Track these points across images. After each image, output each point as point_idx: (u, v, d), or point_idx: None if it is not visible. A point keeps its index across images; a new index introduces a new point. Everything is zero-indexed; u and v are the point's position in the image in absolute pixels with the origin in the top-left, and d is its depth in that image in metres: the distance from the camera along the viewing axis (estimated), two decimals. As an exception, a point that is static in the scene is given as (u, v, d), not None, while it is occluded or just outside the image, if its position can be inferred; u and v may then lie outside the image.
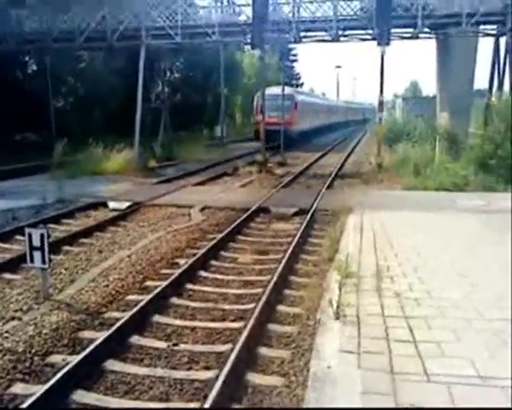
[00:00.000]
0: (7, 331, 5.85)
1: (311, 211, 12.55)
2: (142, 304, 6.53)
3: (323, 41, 21.28)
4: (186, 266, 8.19)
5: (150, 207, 13.40)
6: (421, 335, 4.95)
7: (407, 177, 16.93)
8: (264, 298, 6.77)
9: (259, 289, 7.49)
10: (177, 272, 7.88)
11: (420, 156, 18.49)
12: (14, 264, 8.22)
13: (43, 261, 6.61)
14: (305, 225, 11.15)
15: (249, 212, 12.43)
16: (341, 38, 20.89)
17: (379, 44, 18.96)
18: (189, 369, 5.39)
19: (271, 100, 29.33)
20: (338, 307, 5.50)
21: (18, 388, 4.84)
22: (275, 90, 32.10)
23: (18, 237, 9.70)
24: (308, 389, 3.99)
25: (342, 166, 24.09)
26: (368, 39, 20.58)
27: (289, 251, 9.03)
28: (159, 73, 26.65)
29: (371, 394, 3.82)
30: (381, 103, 20.88)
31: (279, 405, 4.68)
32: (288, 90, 33.10)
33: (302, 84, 68.01)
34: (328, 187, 16.88)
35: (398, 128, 29.76)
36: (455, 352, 4.58)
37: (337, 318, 5.35)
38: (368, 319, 5.33)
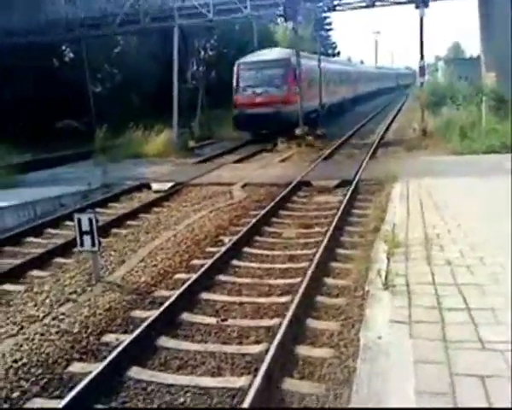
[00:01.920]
0: (63, 313, 6.08)
1: (355, 182, 12.34)
2: (189, 282, 6.63)
3: (358, 8, 20.64)
4: (230, 243, 8.24)
5: (192, 186, 13.52)
6: (474, 302, 4.79)
7: (453, 141, 16.33)
8: (310, 272, 6.74)
9: (305, 263, 7.46)
10: (222, 249, 7.94)
11: (465, 119, 17.77)
12: (67, 248, 8.51)
13: (93, 244, 6.79)
14: (348, 196, 10.98)
15: (290, 186, 12.35)
16: (377, 3, 20.17)
17: (417, 7, 18.23)
18: (240, 343, 5.45)
19: (254, 70, 22.13)
20: (386, 277, 5.40)
21: (76, 367, 5.03)
22: (263, 53, 24.02)
23: (68, 222, 10.00)
24: (359, 361, 3.94)
25: (384, 134, 23.52)
26: (404, 3, 19.80)
27: (334, 224, 8.93)
28: (193, 53, 26.53)
29: (424, 363, 3.74)
30: (421, 68, 20.15)
31: (330, 377, 4.67)
32: (280, 52, 24.26)
33: (338, 53, 65.22)
34: (371, 156, 16.53)
35: (441, 91, 28.65)
36: (510, 319, 4.41)
37: (386, 288, 5.25)
38: (418, 288, 5.20)
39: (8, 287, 7.08)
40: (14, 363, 5.01)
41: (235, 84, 22.61)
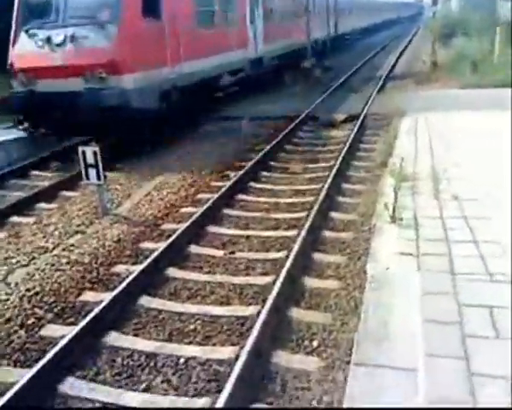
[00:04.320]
0: (72, 245, 6.16)
1: (362, 116, 12.14)
2: (196, 215, 6.66)
3: None
4: (236, 177, 8.21)
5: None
6: (482, 235, 4.81)
7: (464, 74, 15.90)
8: (316, 206, 6.74)
9: (311, 198, 7.46)
10: (228, 184, 7.92)
11: (478, 51, 17.22)
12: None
13: (99, 178, 6.78)
14: (355, 131, 10.83)
15: (297, 121, 12.17)
16: None
17: None
18: (247, 275, 5.53)
19: None
20: (394, 210, 5.39)
21: (88, 296, 5.15)
22: None
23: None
24: (366, 291, 4.00)
25: (393, 67, 22.88)
26: None
27: (340, 158, 8.86)
28: None
29: (431, 294, 3.79)
30: (434, -4, 19.33)
31: (337, 307, 4.77)
32: None
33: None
34: (379, 90, 16.16)
35: (453, 23, 27.62)
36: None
37: (393, 221, 5.26)
38: (426, 221, 5.21)
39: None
40: (27, 292, 5.14)
41: (14, 21, 10.13)
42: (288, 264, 5.24)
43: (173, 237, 6.03)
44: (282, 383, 3.90)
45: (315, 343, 4.31)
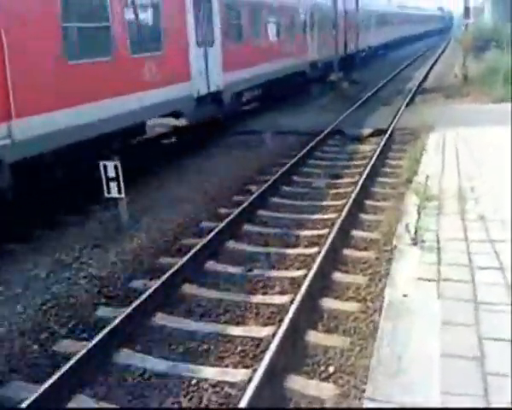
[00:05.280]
0: (91, 258, 6.18)
1: (389, 131, 11.94)
2: (215, 231, 6.59)
3: None
4: (257, 192, 8.13)
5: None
6: (508, 260, 4.59)
7: (496, 88, 15.50)
8: (338, 223, 6.61)
9: (333, 214, 7.32)
10: (249, 199, 7.84)
11: (510, 65, 16.77)
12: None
13: (119, 191, 6.80)
14: (382, 145, 10.65)
15: (322, 135, 12.05)
16: None
17: None
18: (264, 294, 5.42)
19: None
20: (416, 232, 5.21)
21: (102, 311, 5.13)
22: None
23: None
24: (381, 320, 3.83)
25: (423, 80, 22.53)
26: None
27: (365, 174, 8.70)
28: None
29: (451, 325, 3.59)
30: (467, 9, 18.97)
31: (355, 331, 4.62)
32: None
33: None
34: (408, 104, 15.91)
35: (486, 35, 27.06)
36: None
37: (415, 243, 5.07)
38: (449, 244, 5.01)
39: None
40: (43, 305, 5.15)
41: None
42: (306, 283, 5.12)
43: (191, 252, 5.97)
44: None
45: (331, 369, 4.18)
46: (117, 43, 8.04)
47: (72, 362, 4.02)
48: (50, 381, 3.80)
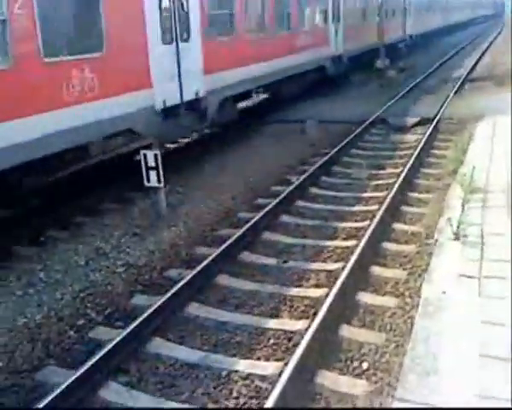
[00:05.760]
0: (129, 247, 6.26)
1: (436, 120, 11.52)
2: (252, 221, 6.54)
3: None
4: (296, 183, 8.02)
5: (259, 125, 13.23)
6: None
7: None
8: (378, 215, 6.43)
9: (374, 206, 7.14)
10: (288, 189, 7.74)
11: None
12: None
13: (159, 181, 6.86)
14: (427, 135, 10.29)
15: (364, 124, 11.76)
16: None
17: None
18: (299, 286, 5.34)
19: None
20: (458, 226, 4.98)
21: (138, 299, 5.18)
22: None
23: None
24: (417, 317, 3.68)
25: (473, 68, 21.61)
26: None
27: (408, 165, 8.43)
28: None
29: (491, 324, 3.40)
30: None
31: (392, 327, 4.48)
32: None
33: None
34: (456, 92, 15.30)
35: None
36: None
37: (457, 238, 4.85)
38: (492, 239, 4.76)
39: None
40: (81, 292, 5.26)
41: None
42: (343, 276, 5.00)
43: (227, 243, 5.95)
44: (326, 405, 3.70)
45: (365, 365, 4.08)
46: (18, 43, 5.76)
47: (106, 349, 4.09)
48: (85, 367, 3.88)
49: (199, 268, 5.40)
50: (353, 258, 5.38)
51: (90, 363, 3.92)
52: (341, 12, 17.06)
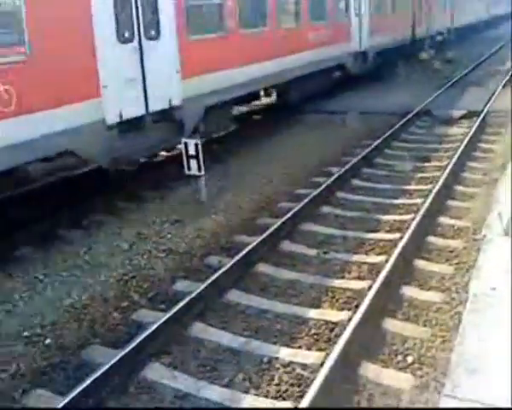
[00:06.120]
0: (170, 233, 6.32)
1: (483, 113, 11.14)
2: (293, 211, 6.48)
3: None
4: (337, 174, 7.90)
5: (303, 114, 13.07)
6: None
7: None
8: (423, 209, 6.27)
9: (419, 200, 6.96)
10: (329, 180, 7.64)
11: None
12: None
13: (199, 169, 6.89)
14: (474, 128, 9.96)
15: (409, 116, 11.48)
16: None
17: None
18: (341, 278, 5.26)
19: None
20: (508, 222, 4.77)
21: (180, 284, 5.22)
22: None
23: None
24: (466, 313, 3.55)
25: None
26: None
27: (455, 158, 8.18)
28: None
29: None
30: None
31: (437, 322, 4.37)
32: None
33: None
34: (505, 85, 14.74)
35: None
36: None
37: (507, 234, 4.65)
38: (547, 235, 4.55)
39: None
40: (125, 276, 5.35)
41: None
42: (386, 269, 4.90)
43: (267, 232, 5.92)
44: (369, 398, 3.64)
45: (409, 359, 3.99)
46: None
47: (149, 331, 4.14)
48: (129, 347, 3.93)
49: (239, 256, 5.40)
50: (397, 251, 5.26)
51: (134, 343, 3.98)
52: (366, 1, 15.10)
